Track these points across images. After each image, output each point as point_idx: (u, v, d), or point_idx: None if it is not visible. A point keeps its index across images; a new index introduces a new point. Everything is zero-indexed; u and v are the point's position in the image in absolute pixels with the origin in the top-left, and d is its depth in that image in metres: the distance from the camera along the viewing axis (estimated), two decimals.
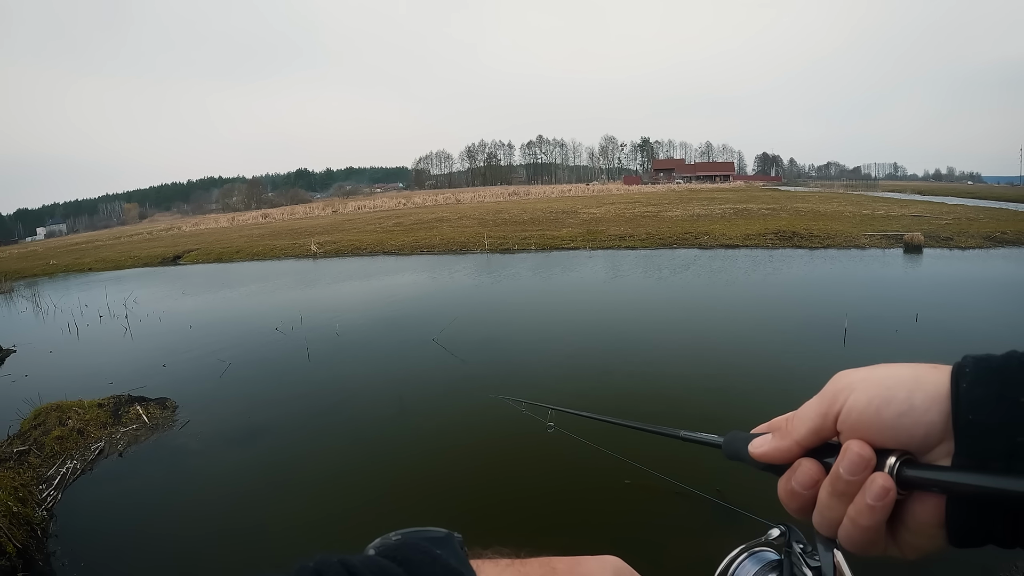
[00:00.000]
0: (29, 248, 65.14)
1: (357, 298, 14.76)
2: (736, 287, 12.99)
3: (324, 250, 25.74)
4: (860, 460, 0.49)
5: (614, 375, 7.76)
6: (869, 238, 18.75)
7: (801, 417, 0.57)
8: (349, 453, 6.14)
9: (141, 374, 9.16)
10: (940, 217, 22.94)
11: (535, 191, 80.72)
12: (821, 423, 0.54)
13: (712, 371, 7.66)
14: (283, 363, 9.34)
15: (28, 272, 29.95)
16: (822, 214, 25.55)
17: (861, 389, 0.52)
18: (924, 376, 0.50)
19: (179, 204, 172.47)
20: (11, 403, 7.97)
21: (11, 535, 4.59)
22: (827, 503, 0.53)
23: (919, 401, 0.48)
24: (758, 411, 4.19)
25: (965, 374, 0.47)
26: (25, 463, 6.18)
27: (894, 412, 0.49)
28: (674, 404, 6.71)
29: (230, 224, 58.57)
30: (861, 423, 0.51)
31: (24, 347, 12.17)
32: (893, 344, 8.30)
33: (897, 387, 0.50)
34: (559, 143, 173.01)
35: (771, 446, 0.59)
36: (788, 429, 0.58)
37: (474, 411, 6.77)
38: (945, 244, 17.53)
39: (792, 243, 19.01)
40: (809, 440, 0.56)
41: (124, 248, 38.44)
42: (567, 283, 14.84)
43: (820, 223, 22.06)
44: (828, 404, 0.54)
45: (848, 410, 0.52)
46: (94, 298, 18.00)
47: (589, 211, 32.97)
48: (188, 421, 7.25)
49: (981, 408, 0.45)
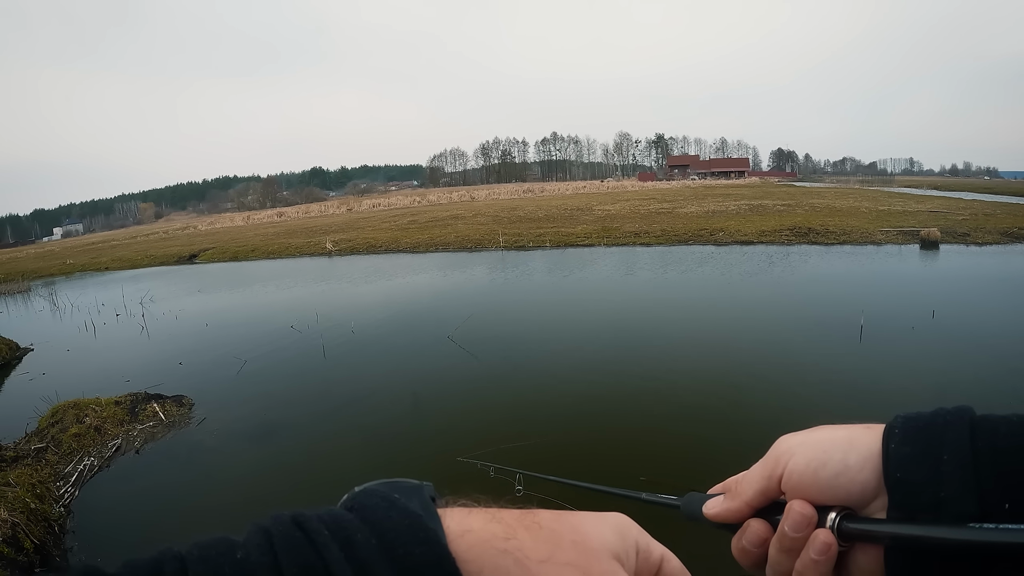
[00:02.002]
0: (46, 248, 66.03)
1: (372, 296, 14.83)
2: (751, 284, 12.92)
3: (339, 248, 25.88)
4: (802, 519, 0.54)
5: (627, 376, 7.72)
6: (885, 234, 18.57)
7: (748, 480, 0.60)
8: (364, 450, 6.15)
9: (158, 372, 9.25)
10: (957, 213, 22.66)
11: (550, 188, 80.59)
12: (766, 485, 0.58)
13: (728, 368, 7.64)
14: (299, 361, 9.39)
15: (45, 271, 30.40)
16: (838, 210, 25.33)
17: (800, 453, 0.56)
18: (858, 438, 0.55)
19: (195, 203, 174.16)
20: (29, 401, 8.07)
21: (28, 531, 4.64)
22: (776, 559, 0.57)
23: (853, 461, 0.53)
24: (775, 417, 4.10)
25: (894, 434, 0.52)
26: (43, 460, 6.24)
27: (831, 473, 0.54)
28: (689, 407, 6.65)
29: (245, 223, 59.03)
30: (802, 484, 0.55)
31: (41, 345, 12.34)
32: (909, 341, 8.25)
33: (833, 449, 0.55)
34: (573, 140, 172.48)
35: (722, 508, 0.62)
36: (737, 491, 0.61)
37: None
38: (962, 240, 17.35)
39: (808, 239, 18.87)
40: (757, 501, 0.60)
41: (140, 247, 38.94)
42: (583, 281, 14.80)
43: (836, 219, 21.88)
44: (771, 467, 0.58)
45: (789, 473, 0.56)
46: (111, 297, 18.21)
47: (604, 208, 32.87)
48: (204, 418, 7.30)
49: (908, 466, 0.50)
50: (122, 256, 33.09)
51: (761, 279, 13.36)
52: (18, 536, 4.51)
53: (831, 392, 6.61)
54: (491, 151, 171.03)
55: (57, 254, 43.90)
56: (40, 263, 35.81)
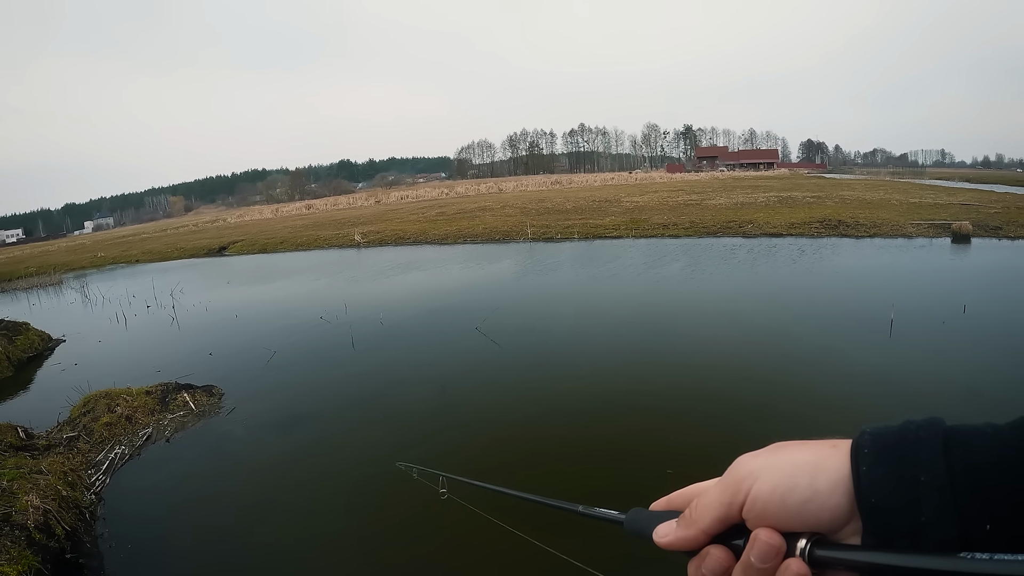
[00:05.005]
0: (77, 241, 67.67)
1: (401, 287, 14.89)
2: (779, 276, 12.79)
3: (368, 240, 26.05)
4: (770, 549, 0.51)
5: (655, 369, 7.66)
6: (916, 227, 18.23)
7: (705, 505, 0.57)
8: (392, 440, 6.16)
9: (188, 362, 9.40)
10: (989, 206, 22.01)
11: (578, 180, 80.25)
12: (726, 512, 0.55)
13: (756, 361, 7.56)
14: (328, 351, 9.45)
15: (76, 264, 31.20)
16: (868, 202, 24.93)
17: (764, 477, 0.53)
18: (825, 459, 0.52)
19: (224, 196, 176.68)
20: (61, 391, 8.26)
21: (60, 518, 4.72)
22: None
23: (822, 486, 0.51)
24: (802, 412, 4.00)
25: (864, 455, 0.50)
26: (75, 448, 6.37)
27: (799, 499, 0.51)
28: (716, 402, 6.53)
29: (274, 215, 59.75)
30: (768, 512, 0.52)
31: (73, 337, 12.63)
32: (940, 336, 8.07)
33: (799, 473, 0.52)
34: (601, 131, 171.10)
35: (676, 536, 0.59)
36: (693, 518, 0.58)
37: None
38: (994, 234, 16.88)
39: (838, 232, 18.57)
40: (715, 529, 0.56)
41: (170, 240, 39.71)
42: (611, 275, 14.69)
43: (866, 211, 21.52)
44: (732, 493, 0.55)
45: (753, 500, 0.53)
46: (141, 289, 18.62)
47: (632, 199, 32.63)
48: (234, 408, 7.39)
49: (882, 490, 0.48)
50: (152, 249, 33.80)
51: (790, 272, 13.18)
52: (50, 523, 4.59)
53: (858, 390, 6.41)
54: (519, 143, 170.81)
55: (88, 247, 45.03)
56: (71, 256, 36.71)
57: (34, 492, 4.86)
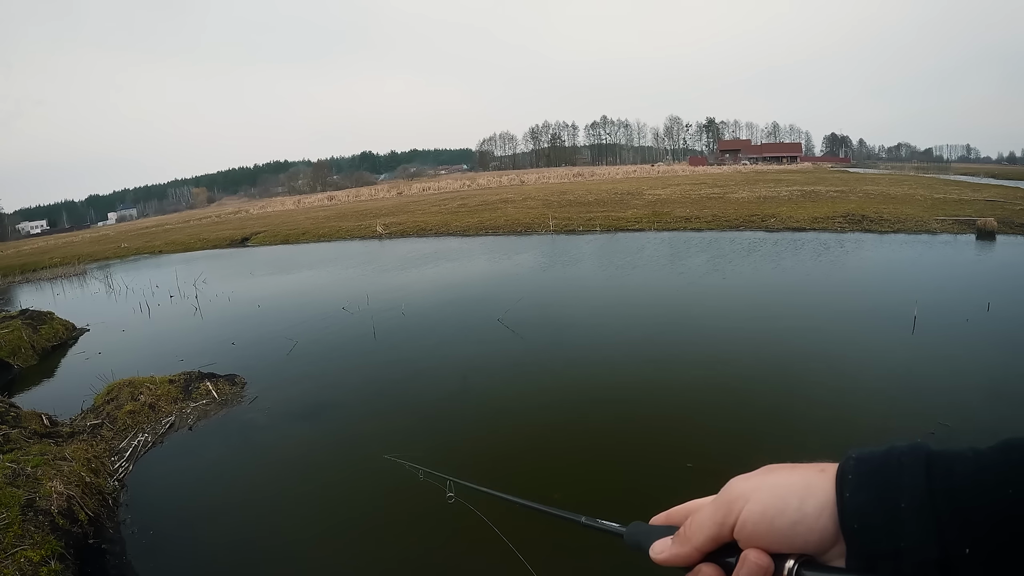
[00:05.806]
0: (101, 232, 68.74)
1: (423, 278, 14.87)
2: (802, 270, 12.59)
3: (389, 231, 26.11)
4: (759, 569, 0.53)
5: (676, 365, 7.56)
6: (941, 223, 17.80)
7: (699, 524, 0.59)
8: (413, 429, 6.15)
9: (211, 352, 9.46)
10: (1015, 202, 21.42)
11: (600, 172, 79.89)
12: (718, 531, 0.57)
13: (778, 357, 7.48)
14: (349, 341, 9.46)
15: (100, 255, 31.66)
16: (892, 197, 24.44)
17: (755, 499, 0.55)
18: (813, 483, 0.54)
19: (246, 188, 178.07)
20: (85, 379, 8.36)
21: (83, 504, 4.75)
22: None
23: (810, 509, 0.52)
24: (821, 411, 3.89)
25: (848, 480, 0.52)
26: (98, 436, 6.43)
27: (787, 521, 0.53)
28: (736, 400, 6.41)
29: (296, 207, 60.21)
30: (757, 533, 0.54)
31: (97, 326, 12.80)
32: (963, 334, 7.87)
33: (788, 496, 0.54)
34: (623, 124, 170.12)
35: (671, 552, 0.61)
36: (687, 535, 0.60)
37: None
38: (1020, 231, 16.39)
39: (861, 227, 18.19)
40: (707, 547, 0.58)
41: (193, 231, 40.16)
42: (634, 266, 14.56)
43: (890, 206, 21.12)
44: (724, 514, 0.57)
45: (743, 521, 0.55)
46: (164, 279, 18.79)
47: (654, 192, 32.36)
48: (256, 397, 7.41)
49: (864, 515, 0.50)
50: (175, 240, 34.18)
51: (813, 266, 12.97)
52: (73, 509, 4.62)
53: (881, 388, 6.26)
54: (540, 135, 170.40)
55: (112, 238, 45.65)
56: (95, 247, 37.32)
57: (58, 478, 4.89)
